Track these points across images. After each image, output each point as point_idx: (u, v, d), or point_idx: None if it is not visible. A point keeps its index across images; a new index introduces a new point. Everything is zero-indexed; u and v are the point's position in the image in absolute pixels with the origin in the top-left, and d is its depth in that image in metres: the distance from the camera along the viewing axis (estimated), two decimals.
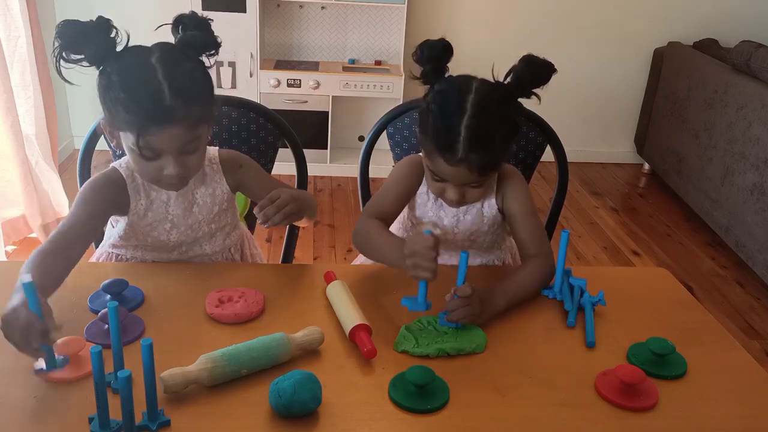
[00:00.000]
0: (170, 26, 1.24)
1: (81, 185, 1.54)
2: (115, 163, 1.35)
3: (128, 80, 1.17)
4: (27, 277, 0.97)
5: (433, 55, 1.27)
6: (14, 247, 2.84)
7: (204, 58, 1.24)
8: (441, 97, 1.26)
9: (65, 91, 3.76)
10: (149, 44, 1.21)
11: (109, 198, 1.30)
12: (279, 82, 3.58)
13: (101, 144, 1.53)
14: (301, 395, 0.93)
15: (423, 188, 1.44)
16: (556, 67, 1.26)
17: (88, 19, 1.16)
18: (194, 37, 1.22)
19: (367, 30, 3.83)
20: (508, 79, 1.27)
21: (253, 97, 3.34)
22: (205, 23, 1.24)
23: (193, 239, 1.39)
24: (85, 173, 1.54)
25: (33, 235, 2.89)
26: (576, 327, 1.21)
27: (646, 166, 4.20)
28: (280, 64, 3.71)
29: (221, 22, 1.30)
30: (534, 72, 1.25)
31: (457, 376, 1.06)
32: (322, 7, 3.74)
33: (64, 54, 1.14)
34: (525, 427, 0.98)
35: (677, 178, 3.69)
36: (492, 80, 1.27)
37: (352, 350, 1.11)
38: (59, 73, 1.15)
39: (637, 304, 1.30)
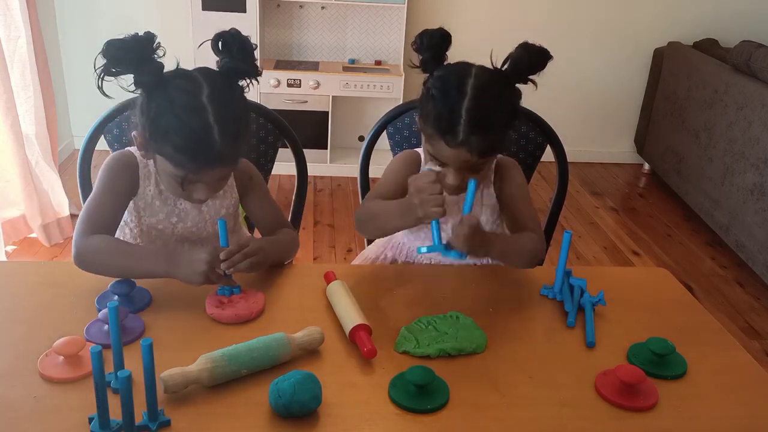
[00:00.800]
0: (210, 42, 1.23)
1: (81, 185, 1.54)
2: (130, 147, 1.36)
3: (181, 122, 1.16)
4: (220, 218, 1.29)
5: (432, 44, 1.30)
6: (14, 247, 2.84)
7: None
8: (441, 82, 1.28)
9: (65, 91, 3.75)
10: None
11: (126, 180, 1.32)
12: (279, 82, 3.58)
13: (101, 144, 1.53)
14: (301, 395, 0.93)
15: None
16: (556, 67, 1.27)
17: (132, 33, 1.15)
18: (238, 67, 1.23)
19: (367, 30, 3.83)
20: (506, 66, 1.29)
21: (253, 97, 3.32)
22: (248, 46, 1.24)
23: (197, 238, 1.40)
24: (85, 173, 1.54)
25: (33, 235, 2.89)
26: (576, 327, 1.21)
27: (646, 166, 4.20)
28: (280, 64, 3.71)
29: (221, 22, 1.29)
30: (531, 58, 1.27)
31: (457, 376, 1.06)
32: (322, 7, 3.74)
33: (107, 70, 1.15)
34: (525, 427, 0.98)
35: (677, 178, 3.69)
36: (490, 67, 1.30)
37: (352, 350, 1.11)
38: (100, 89, 1.15)
39: (637, 304, 1.30)
